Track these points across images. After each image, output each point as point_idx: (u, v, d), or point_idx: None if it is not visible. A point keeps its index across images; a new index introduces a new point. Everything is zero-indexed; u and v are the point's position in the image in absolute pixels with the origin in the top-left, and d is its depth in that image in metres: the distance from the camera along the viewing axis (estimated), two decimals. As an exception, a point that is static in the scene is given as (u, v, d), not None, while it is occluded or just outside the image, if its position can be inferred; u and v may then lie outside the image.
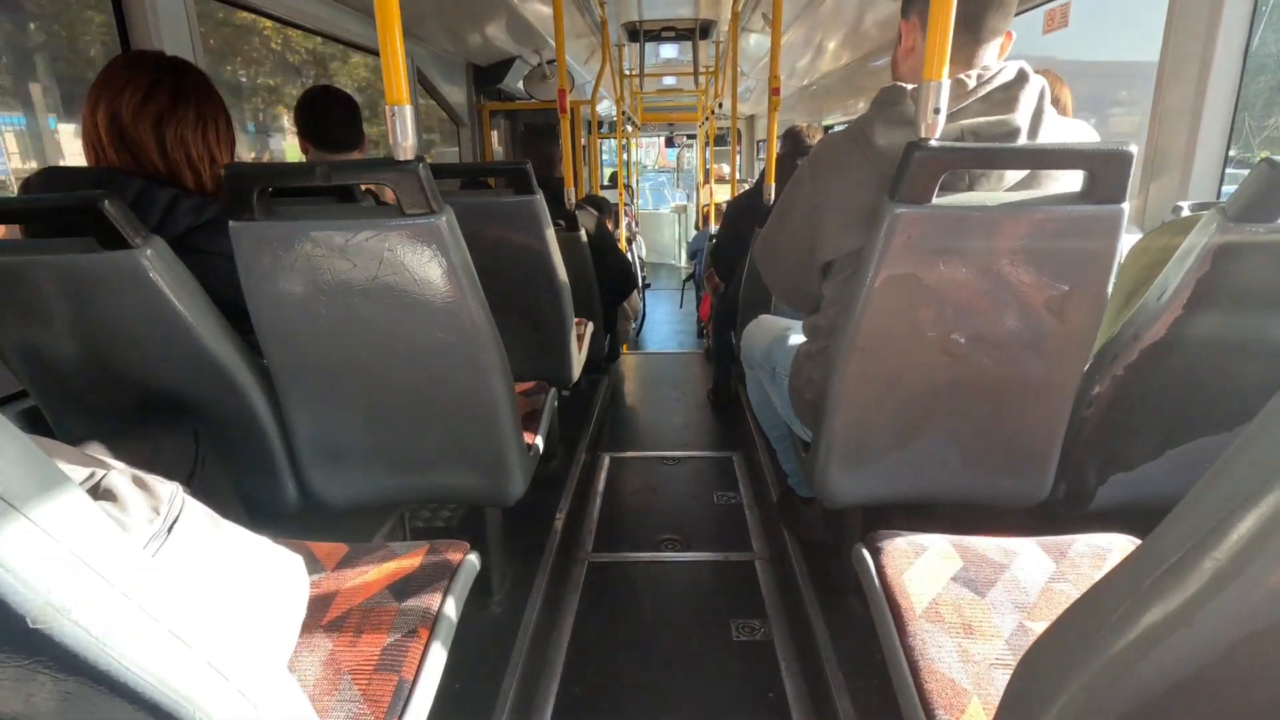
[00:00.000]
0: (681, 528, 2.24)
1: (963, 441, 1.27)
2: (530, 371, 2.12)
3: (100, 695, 0.44)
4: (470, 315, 1.15)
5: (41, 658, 0.40)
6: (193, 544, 0.69)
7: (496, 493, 1.40)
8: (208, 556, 0.71)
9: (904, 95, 1.14)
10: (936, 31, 0.98)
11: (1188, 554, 0.41)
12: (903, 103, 1.13)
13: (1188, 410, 1.22)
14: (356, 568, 1.04)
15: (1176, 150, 1.69)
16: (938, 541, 1.08)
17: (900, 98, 1.14)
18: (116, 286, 1.08)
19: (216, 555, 0.74)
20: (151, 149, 1.20)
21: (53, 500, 0.40)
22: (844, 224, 1.17)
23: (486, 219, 1.85)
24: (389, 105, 1.02)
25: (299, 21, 2.47)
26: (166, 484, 0.71)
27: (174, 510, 0.69)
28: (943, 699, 0.82)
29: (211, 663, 0.50)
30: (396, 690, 0.83)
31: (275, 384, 1.26)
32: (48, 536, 0.39)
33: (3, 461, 0.37)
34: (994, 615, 0.93)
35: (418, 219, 1.05)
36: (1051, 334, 1.12)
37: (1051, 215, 1.04)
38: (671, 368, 4.12)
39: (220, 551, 0.75)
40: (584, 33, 4.64)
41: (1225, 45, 1.57)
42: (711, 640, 1.70)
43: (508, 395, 1.29)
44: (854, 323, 1.13)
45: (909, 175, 1.01)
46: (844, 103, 5.05)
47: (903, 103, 1.13)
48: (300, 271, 1.10)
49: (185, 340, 1.14)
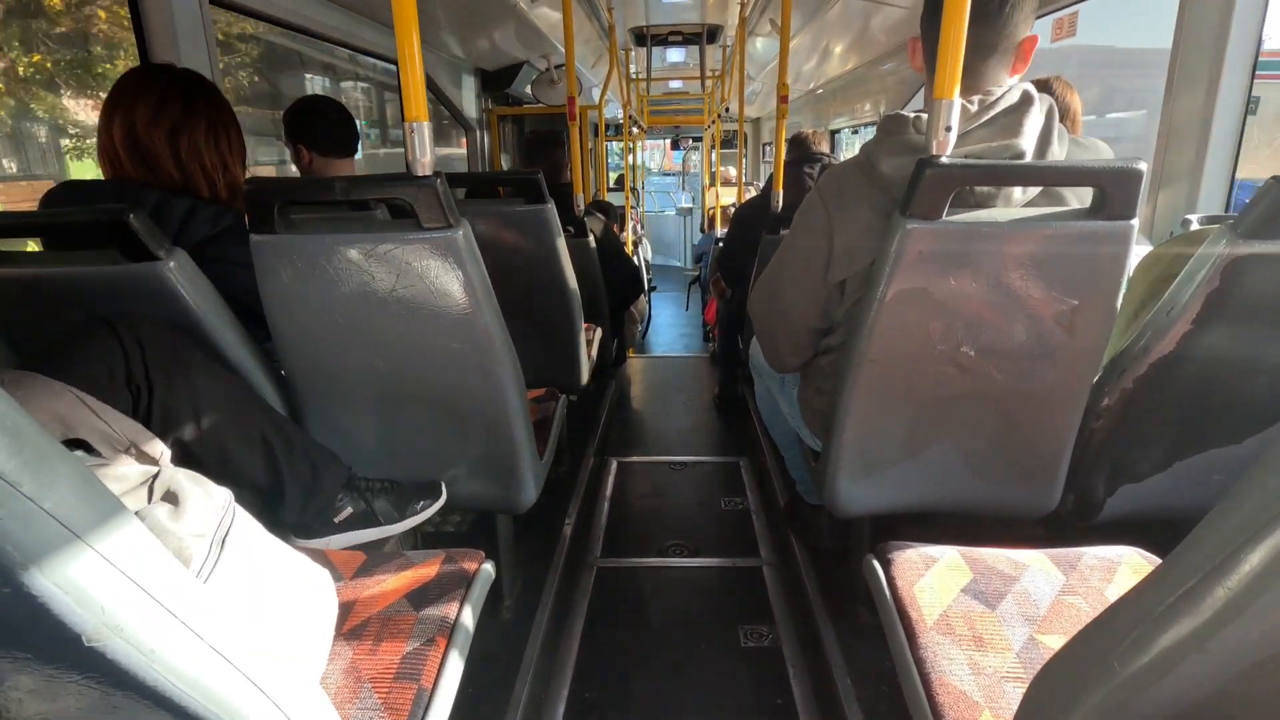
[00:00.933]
0: (689, 533, 2.25)
1: (972, 452, 1.28)
2: (540, 378, 2.14)
3: (146, 708, 0.46)
4: (485, 326, 1.17)
5: (95, 674, 0.42)
6: (240, 557, 0.71)
7: (509, 500, 1.42)
8: (251, 569, 0.74)
9: (906, 124, 1.15)
10: (948, 50, 0.99)
11: (1203, 579, 0.42)
12: (904, 131, 1.15)
13: (1196, 423, 1.23)
14: (374, 576, 1.05)
15: (1185, 162, 1.70)
16: (947, 553, 1.09)
17: (902, 127, 1.15)
18: (140, 297, 1.10)
19: (258, 567, 0.76)
20: (167, 159, 1.22)
21: (106, 525, 0.41)
22: (856, 244, 1.18)
23: (498, 227, 1.87)
24: (407, 121, 1.03)
25: (316, 30, 2.49)
26: (220, 491, 0.74)
27: (226, 521, 0.71)
28: (954, 711, 0.83)
29: (249, 676, 0.51)
30: (416, 699, 0.85)
31: (292, 392, 1.28)
32: (103, 560, 0.40)
33: (61, 489, 0.38)
34: (1004, 628, 0.94)
35: (435, 233, 1.07)
36: (1061, 347, 1.13)
37: (1061, 231, 1.05)
38: (677, 372, 4.13)
39: (261, 563, 0.77)
40: (591, 37, 4.66)
41: (1234, 58, 1.58)
42: (719, 646, 1.71)
43: (521, 405, 1.30)
44: (865, 336, 1.14)
45: (920, 191, 1.02)
46: (850, 107, 5.06)
47: (904, 131, 1.15)
48: (320, 284, 1.12)
49: (206, 349, 1.16)
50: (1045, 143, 1.12)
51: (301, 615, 0.82)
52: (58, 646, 0.40)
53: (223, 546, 0.74)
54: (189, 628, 0.46)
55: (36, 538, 0.37)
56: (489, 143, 4.68)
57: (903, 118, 1.16)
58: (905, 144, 1.14)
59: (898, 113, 1.17)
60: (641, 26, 5.00)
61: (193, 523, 0.72)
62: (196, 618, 0.47)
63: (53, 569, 0.37)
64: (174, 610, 0.45)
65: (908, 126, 1.15)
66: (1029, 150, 1.10)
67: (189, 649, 0.46)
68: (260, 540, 0.82)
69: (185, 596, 0.46)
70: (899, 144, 1.14)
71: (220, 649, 0.49)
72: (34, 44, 2.11)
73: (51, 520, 0.37)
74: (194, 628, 0.46)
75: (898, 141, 1.15)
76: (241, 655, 0.51)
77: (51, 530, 0.37)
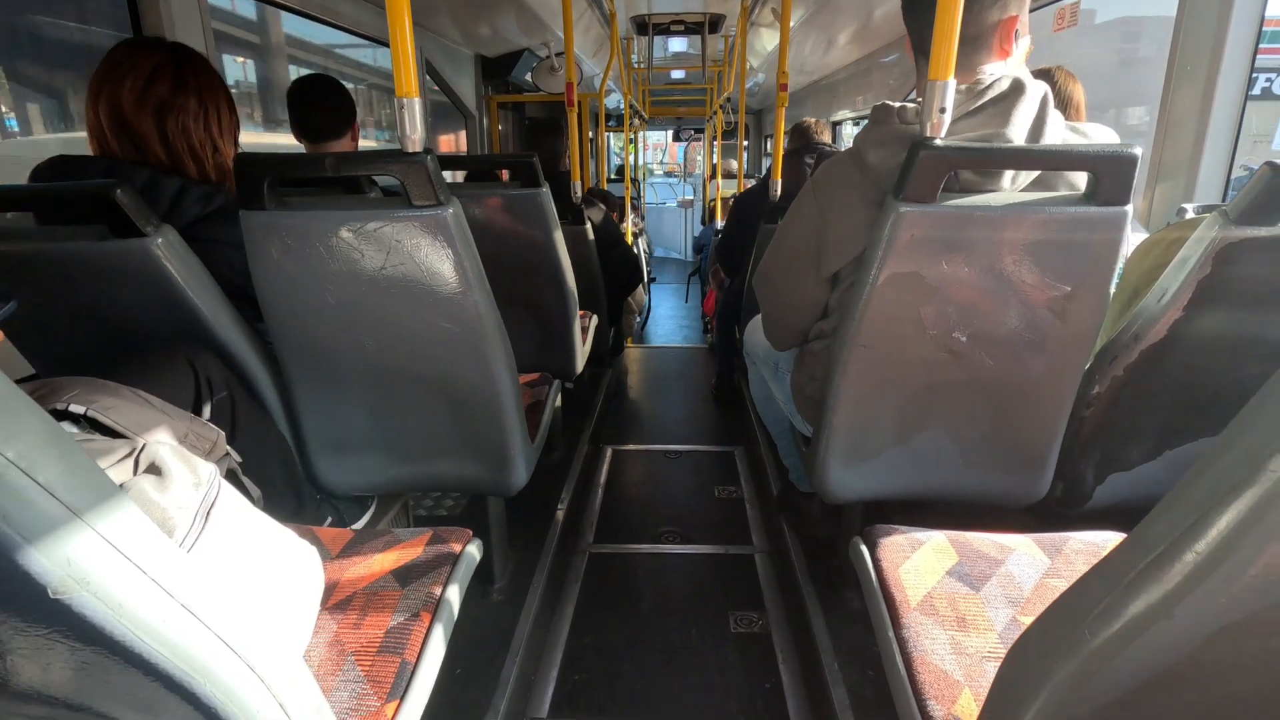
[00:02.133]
0: (682, 520, 2.26)
1: (962, 439, 1.28)
2: (534, 363, 2.14)
3: (115, 665, 0.46)
4: (475, 306, 1.16)
5: (61, 627, 0.42)
6: (224, 529, 0.72)
7: (499, 482, 1.42)
8: (235, 541, 0.74)
9: (890, 114, 1.14)
10: (943, 31, 0.99)
11: (1170, 546, 0.42)
12: (889, 121, 1.14)
13: (1186, 412, 1.23)
14: (361, 552, 1.06)
15: (1183, 152, 1.69)
16: (934, 536, 1.10)
17: (887, 117, 1.14)
18: (128, 274, 1.10)
19: (243, 540, 0.76)
20: (154, 139, 1.20)
21: (73, 476, 0.41)
22: (847, 234, 1.18)
23: (492, 210, 1.87)
24: (398, 97, 1.03)
25: (310, 11, 2.48)
26: (205, 464, 0.74)
27: (211, 494, 0.71)
28: (935, 690, 0.83)
29: (224, 639, 0.51)
30: (399, 671, 0.85)
31: (283, 372, 1.28)
32: (66, 510, 0.40)
33: (26, 442, 0.38)
34: (988, 609, 0.95)
35: (425, 210, 1.07)
36: (1053, 334, 1.13)
37: (1055, 216, 1.04)
38: (675, 362, 4.13)
39: (246, 536, 0.77)
40: (593, 25, 4.63)
41: (1233, 48, 1.57)
42: (710, 631, 1.72)
43: (511, 386, 1.30)
44: (856, 320, 1.14)
45: (913, 174, 1.02)
46: (853, 98, 5.03)
47: (889, 121, 1.14)
48: (309, 261, 1.12)
49: (196, 327, 1.16)
50: (1038, 134, 1.10)
51: (286, 588, 0.82)
52: (24, 599, 0.40)
53: (207, 519, 0.74)
54: (161, 586, 0.46)
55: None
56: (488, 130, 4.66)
57: (889, 108, 1.15)
58: (891, 134, 1.13)
59: (884, 103, 1.16)
60: (643, 15, 4.97)
61: (177, 495, 0.72)
62: (170, 578, 0.47)
63: (16, 518, 0.37)
64: (144, 568, 0.45)
65: (893, 116, 1.14)
66: (1019, 140, 1.08)
67: (160, 607, 0.46)
68: (246, 514, 0.82)
69: (158, 556, 0.46)
70: (885, 134, 1.13)
71: (195, 611, 0.49)
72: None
73: (13, 468, 0.37)
74: (166, 587, 0.46)
75: (884, 132, 1.14)
76: (217, 619, 0.51)
77: (12, 478, 0.37)
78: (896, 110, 1.14)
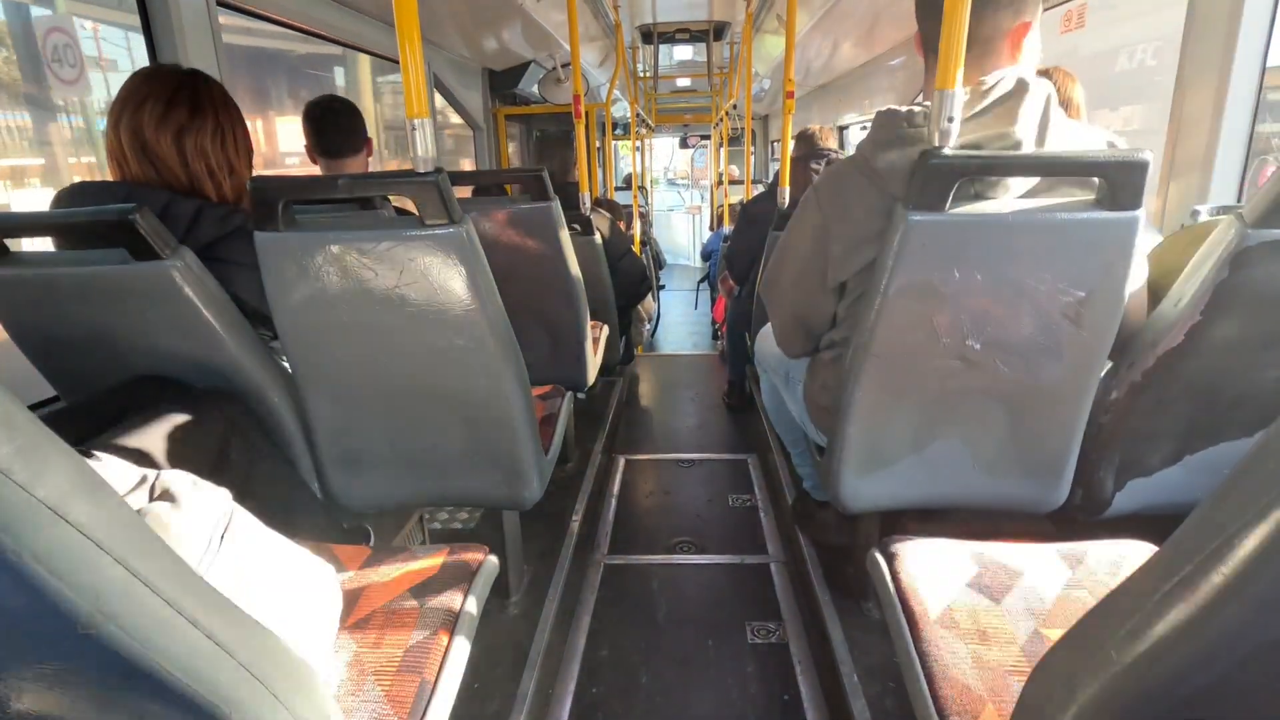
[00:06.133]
0: (696, 530, 2.25)
1: (978, 447, 1.27)
2: (546, 375, 2.14)
3: (143, 698, 0.46)
4: (488, 322, 1.17)
5: (88, 660, 0.43)
6: (240, 553, 0.72)
7: (514, 496, 1.42)
8: (251, 565, 0.75)
9: (897, 118, 1.14)
10: (950, 39, 0.98)
11: (1199, 565, 0.41)
12: (898, 125, 1.13)
13: (1206, 416, 1.21)
14: (379, 570, 1.06)
15: (1196, 153, 1.67)
16: (953, 547, 1.09)
17: (893, 121, 1.14)
18: (147, 296, 1.11)
19: (259, 563, 0.77)
20: (173, 161, 1.23)
21: (101, 511, 0.42)
22: (853, 244, 1.17)
23: (503, 225, 1.88)
24: (409, 119, 1.04)
25: (319, 31, 2.51)
26: (219, 491, 0.75)
27: (225, 519, 0.72)
28: (957, 704, 0.82)
29: (248, 667, 0.52)
30: (419, 691, 0.85)
31: (298, 390, 1.29)
32: (95, 547, 0.41)
33: (54, 478, 0.39)
34: (1009, 622, 0.94)
35: (438, 229, 1.08)
36: (1068, 340, 1.12)
37: (1067, 222, 1.04)
38: (686, 370, 4.13)
39: (263, 560, 0.78)
40: (598, 36, 4.66)
41: (1245, 48, 1.55)
42: (727, 642, 1.71)
43: (525, 401, 1.31)
44: (869, 329, 1.13)
45: (923, 184, 1.02)
46: (859, 103, 5.03)
47: (898, 125, 1.13)
48: (324, 281, 1.13)
49: (213, 348, 1.17)
50: (1044, 131, 1.10)
51: (304, 611, 0.83)
52: (53, 634, 0.41)
53: (221, 542, 0.75)
54: (186, 617, 0.47)
55: (29, 526, 0.37)
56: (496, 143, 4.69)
57: (895, 112, 1.14)
58: (899, 138, 1.12)
59: (890, 107, 1.16)
60: (648, 24, 5.00)
61: (191, 520, 0.73)
62: (194, 608, 0.47)
63: (46, 556, 0.38)
64: (170, 600, 0.45)
65: (899, 120, 1.14)
66: (1027, 139, 1.08)
67: (186, 638, 0.46)
68: (262, 536, 0.83)
69: (183, 587, 0.47)
70: (892, 138, 1.13)
71: (219, 639, 0.49)
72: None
73: (44, 509, 0.37)
74: (191, 618, 0.47)
75: (891, 136, 1.13)
76: (240, 647, 0.52)
77: (44, 518, 0.38)
78: (904, 115, 1.13)
